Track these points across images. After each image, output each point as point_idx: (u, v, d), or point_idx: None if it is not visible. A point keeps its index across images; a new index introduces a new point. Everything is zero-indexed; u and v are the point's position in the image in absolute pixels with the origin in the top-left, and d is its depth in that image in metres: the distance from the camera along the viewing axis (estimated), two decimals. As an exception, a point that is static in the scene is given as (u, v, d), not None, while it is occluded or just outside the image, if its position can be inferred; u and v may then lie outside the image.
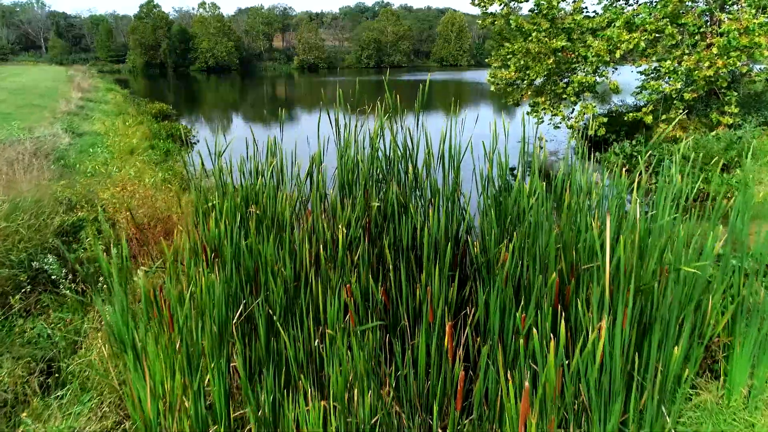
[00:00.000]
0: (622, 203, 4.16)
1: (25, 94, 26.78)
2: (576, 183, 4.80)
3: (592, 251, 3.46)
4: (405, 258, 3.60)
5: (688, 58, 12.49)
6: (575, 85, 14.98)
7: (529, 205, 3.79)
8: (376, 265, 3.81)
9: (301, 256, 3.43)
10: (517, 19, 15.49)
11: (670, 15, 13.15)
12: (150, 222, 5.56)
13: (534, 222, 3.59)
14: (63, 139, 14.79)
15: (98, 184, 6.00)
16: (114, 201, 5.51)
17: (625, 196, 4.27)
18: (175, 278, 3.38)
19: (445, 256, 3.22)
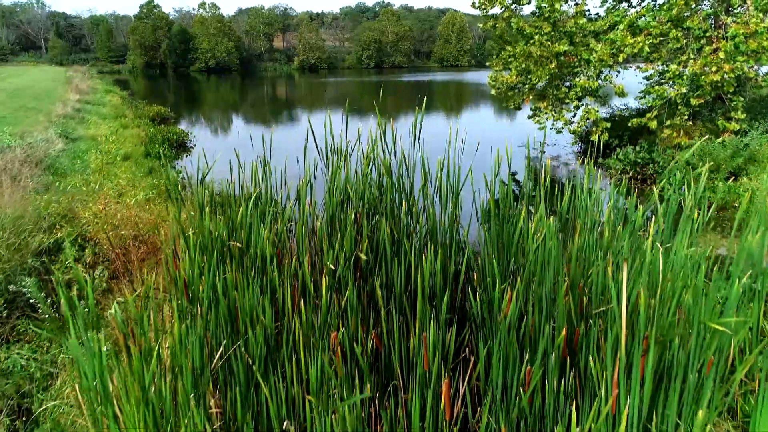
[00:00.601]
0: (635, 232, 3.88)
1: (21, 97, 26.53)
2: (582, 206, 4.50)
3: (604, 290, 3.19)
4: (398, 301, 3.33)
5: (694, 63, 12.22)
6: (578, 90, 14.72)
7: (534, 245, 3.50)
8: (366, 306, 3.52)
9: (282, 301, 3.15)
10: (518, 22, 15.22)
11: (674, 18, 12.87)
12: (133, 242, 5.31)
13: (540, 261, 3.31)
14: (56, 144, 14.53)
15: (81, 201, 5.73)
16: (96, 220, 5.26)
17: (638, 225, 3.98)
18: (149, 319, 3.12)
19: (443, 301, 2.95)
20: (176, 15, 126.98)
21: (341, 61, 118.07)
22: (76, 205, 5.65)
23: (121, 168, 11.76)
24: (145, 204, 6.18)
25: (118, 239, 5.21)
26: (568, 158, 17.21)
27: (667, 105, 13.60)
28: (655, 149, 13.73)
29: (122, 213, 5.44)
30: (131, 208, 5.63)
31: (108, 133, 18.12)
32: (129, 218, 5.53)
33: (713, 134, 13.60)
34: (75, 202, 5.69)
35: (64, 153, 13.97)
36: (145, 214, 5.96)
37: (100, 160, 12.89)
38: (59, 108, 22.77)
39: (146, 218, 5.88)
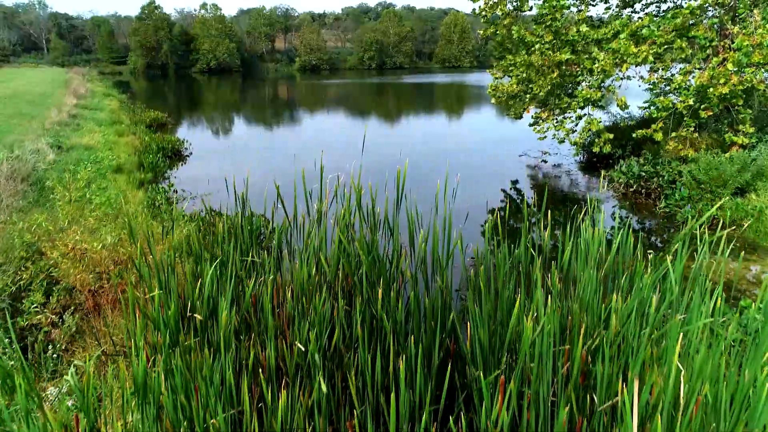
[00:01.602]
0: (643, 304, 3.53)
1: (16, 102, 26.25)
2: (581, 256, 4.17)
3: (609, 382, 2.84)
4: (374, 398, 2.97)
5: (701, 74, 11.84)
6: (580, 100, 14.35)
7: (531, 336, 3.10)
8: (338, 401, 3.12)
9: (241, 396, 2.79)
10: (519, 29, 14.87)
11: (679, 27, 12.50)
12: (102, 285, 4.99)
13: (537, 355, 2.92)
14: (47, 155, 14.23)
15: (47, 238, 5.36)
16: (65, 261, 4.92)
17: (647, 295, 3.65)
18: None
19: (427, 393, 2.61)
20: (177, 16, 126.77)
21: (343, 62, 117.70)
22: (42, 244, 5.32)
23: (102, 191, 11.41)
24: (118, 241, 5.83)
25: (88, 281, 4.90)
26: (570, 167, 16.85)
27: (672, 115, 13.23)
28: (659, 161, 13.36)
29: (90, 256, 5.10)
30: (100, 249, 5.28)
31: (102, 141, 17.82)
32: (100, 260, 5.20)
33: (720, 146, 13.23)
34: (41, 240, 5.37)
35: (54, 165, 13.66)
36: (120, 251, 5.62)
37: (87, 177, 12.55)
38: (54, 114, 22.47)
39: (120, 256, 5.55)
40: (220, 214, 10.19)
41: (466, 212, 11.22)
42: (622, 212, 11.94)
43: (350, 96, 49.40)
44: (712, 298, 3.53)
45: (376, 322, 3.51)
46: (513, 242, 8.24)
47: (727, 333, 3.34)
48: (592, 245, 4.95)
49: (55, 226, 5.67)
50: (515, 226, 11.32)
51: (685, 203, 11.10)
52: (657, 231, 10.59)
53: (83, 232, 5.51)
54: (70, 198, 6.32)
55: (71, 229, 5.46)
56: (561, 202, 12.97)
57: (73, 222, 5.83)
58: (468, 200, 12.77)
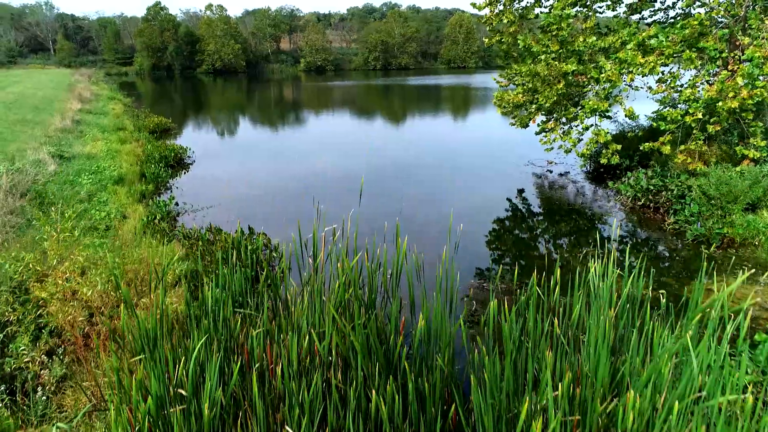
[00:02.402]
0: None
1: (21, 108, 26.22)
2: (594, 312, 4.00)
3: None
4: None
5: (710, 88, 11.60)
6: (587, 110, 14.12)
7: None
8: None
9: None
10: (525, 38, 14.64)
11: (688, 38, 12.26)
12: (92, 327, 4.83)
13: None
14: (48, 166, 14.14)
15: (35, 276, 5.19)
16: (53, 302, 4.77)
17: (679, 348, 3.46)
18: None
19: None
20: (183, 16, 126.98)
21: (348, 62, 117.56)
22: (31, 283, 5.17)
23: (102, 205, 11.27)
24: (107, 284, 5.63)
25: (78, 321, 4.75)
26: (576, 177, 16.62)
27: (681, 127, 12.99)
28: (668, 174, 13.12)
29: (80, 298, 4.94)
30: (91, 289, 5.10)
31: (104, 150, 17.72)
32: (90, 300, 5.03)
33: (730, 159, 12.97)
34: (30, 279, 5.22)
35: (55, 177, 13.56)
36: (111, 294, 5.44)
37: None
38: (57, 121, 22.42)
39: (110, 298, 5.38)
40: (220, 231, 10.05)
41: (469, 235, 11.02)
42: (630, 229, 11.71)
43: (354, 99, 49.22)
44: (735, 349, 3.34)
45: (371, 405, 3.34)
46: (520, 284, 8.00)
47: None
48: (603, 294, 4.75)
49: (43, 266, 5.52)
50: (522, 251, 11.13)
51: (695, 219, 10.85)
52: (667, 253, 10.31)
53: (73, 271, 5.36)
54: (58, 238, 6.09)
55: (59, 269, 5.30)
56: (568, 215, 12.74)
57: (63, 260, 5.67)
58: (472, 216, 12.57)
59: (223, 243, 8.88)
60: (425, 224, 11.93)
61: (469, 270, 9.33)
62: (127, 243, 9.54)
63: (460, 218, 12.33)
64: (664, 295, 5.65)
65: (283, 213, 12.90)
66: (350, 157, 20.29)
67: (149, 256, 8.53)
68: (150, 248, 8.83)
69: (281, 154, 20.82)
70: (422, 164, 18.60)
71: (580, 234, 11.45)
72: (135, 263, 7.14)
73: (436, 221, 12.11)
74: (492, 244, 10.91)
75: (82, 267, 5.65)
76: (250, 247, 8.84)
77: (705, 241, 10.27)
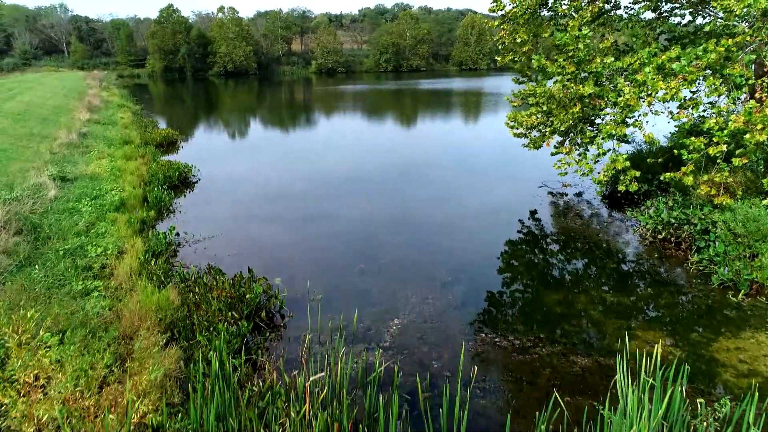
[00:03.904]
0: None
1: (28, 120, 26.09)
2: None
3: None
4: None
5: (737, 118, 10.96)
6: (604, 135, 13.52)
7: None
8: None
9: None
10: (540, 59, 14.07)
11: (713, 64, 11.62)
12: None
13: None
14: (49, 191, 13.83)
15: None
16: (16, 411, 4.32)
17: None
18: None
19: None
20: (195, 18, 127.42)
21: (359, 64, 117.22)
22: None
23: (100, 238, 10.88)
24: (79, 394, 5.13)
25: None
26: (592, 200, 16.02)
27: (704, 156, 12.35)
28: (690, 204, 12.51)
29: (50, 405, 4.46)
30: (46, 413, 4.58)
31: (108, 169, 17.43)
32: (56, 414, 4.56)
33: (756, 189, 12.33)
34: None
35: (55, 202, 13.25)
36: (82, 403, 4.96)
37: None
38: (63, 135, 22.21)
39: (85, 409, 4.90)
40: (219, 272, 9.62)
41: (481, 260, 10.36)
42: (650, 267, 11.10)
43: (365, 105, 48.78)
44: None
45: None
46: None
47: None
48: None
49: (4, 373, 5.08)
50: (534, 295, 10.57)
51: (720, 260, 10.23)
52: (690, 299, 9.69)
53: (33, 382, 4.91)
54: (19, 340, 5.58)
55: (21, 375, 4.86)
56: (584, 252, 12.17)
57: (26, 364, 5.22)
58: (479, 248, 11.99)
59: (220, 290, 8.44)
60: (435, 258, 11.44)
61: (475, 303, 8.81)
62: (121, 284, 9.16)
63: (467, 248, 11.82)
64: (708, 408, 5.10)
65: (288, 241, 12.47)
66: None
67: (143, 303, 8.14)
68: (144, 294, 8.42)
69: (288, 166, 20.41)
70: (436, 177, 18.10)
71: (598, 281, 10.88)
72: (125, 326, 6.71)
73: (434, 261, 11.62)
74: (501, 286, 10.36)
75: (48, 373, 5.17)
76: (249, 296, 8.40)
77: (732, 286, 9.66)
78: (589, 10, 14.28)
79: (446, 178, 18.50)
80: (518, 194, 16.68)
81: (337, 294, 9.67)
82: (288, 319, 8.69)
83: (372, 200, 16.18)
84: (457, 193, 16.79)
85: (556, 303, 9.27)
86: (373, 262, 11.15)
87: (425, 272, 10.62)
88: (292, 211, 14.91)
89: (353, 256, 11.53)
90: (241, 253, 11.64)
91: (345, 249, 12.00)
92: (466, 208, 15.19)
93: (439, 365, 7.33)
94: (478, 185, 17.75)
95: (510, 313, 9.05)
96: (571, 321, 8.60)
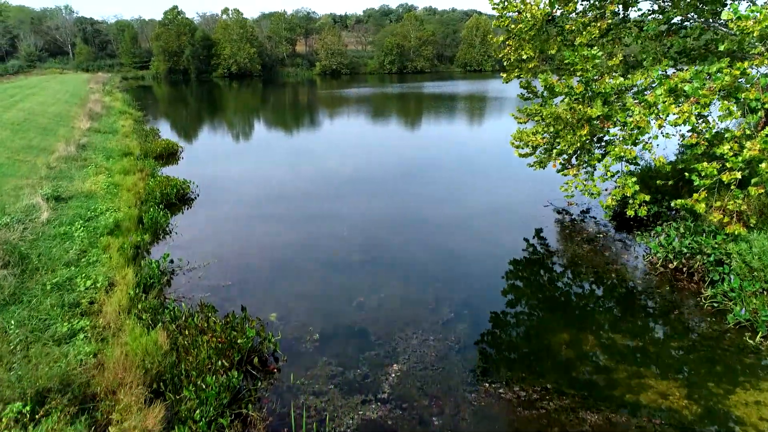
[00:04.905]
0: None
1: (27, 130, 25.81)
2: None
3: None
4: None
5: (752, 145, 10.50)
6: (612, 156, 13.07)
7: None
8: None
9: None
10: (546, 77, 13.63)
11: (727, 87, 11.16)
12: None
13: None
14: (41, 214, 13.49)
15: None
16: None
17: None
18: None
19: None
20: (199, 19, 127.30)
21: (363, 66, 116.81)
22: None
23: (91, 268, 10.48)
24: None
25: None
26: (599, 218, 15.57)
27: (718, 182, 11.88)
28: (702, 231, 12.05)
29: None
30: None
31: (105, 185, 17.09)
32: None
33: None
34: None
35: (47, 226, 12.91)
36: None
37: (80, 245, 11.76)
38: (62, 148, 21.89)
39: None
40: (212, 309, 9.24)
41: (483, 278, 9.87)
42: (661, 303, 10.65)
43: (369, 110, 48.37)
44: None
45: None
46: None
47: None
48: None
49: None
50: (536, 340, 10.15)
51: (736, 296, 9.77)
52: (704, 342, 9.24)
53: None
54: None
55: None
56: (591, 280, 11.73)
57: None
58: (485, 273, 11.53)
59: (211, 334, 8.06)
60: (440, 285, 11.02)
61: (478, 345, 8.39)
62: (109, 323, 8.80)
63: (470, 275, 11.37)
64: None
65: (286, 267, 12.08)
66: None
67: (130, 349, 7.77)
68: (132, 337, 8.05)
69: (286, 180, 20.01)
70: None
71: (608, 318, 10.45)
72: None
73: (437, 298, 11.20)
74: (505, 325, 9.93)
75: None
76: (241, 340, 8.01)
77: (749, 327, 9.20)
78: (598, 26, 13.83)
79: (447, 179, 18.08)
80: (524, 214, 16.22)
81: (335, 331, 9.27)
82: (282, 363, 8.30)
83: (375, 231, 15.78)
84: (459, 212, 16.36)
85: (563, 345, 8.83)
86: (372, 294, 10.74)
87: (426, 307, 10.20)
88: (291, 233, 14.51)
89: (354, 287, 11.11)
90: (236, 283, 11.26)
91: (346, 281, 11.58)
92: (469, 230, 14.76)
93: (440, 422, 6.91)
94: (482, 199, 17.32)
95: (515, 357, 8.61)
96: (579, 367, 8.17)
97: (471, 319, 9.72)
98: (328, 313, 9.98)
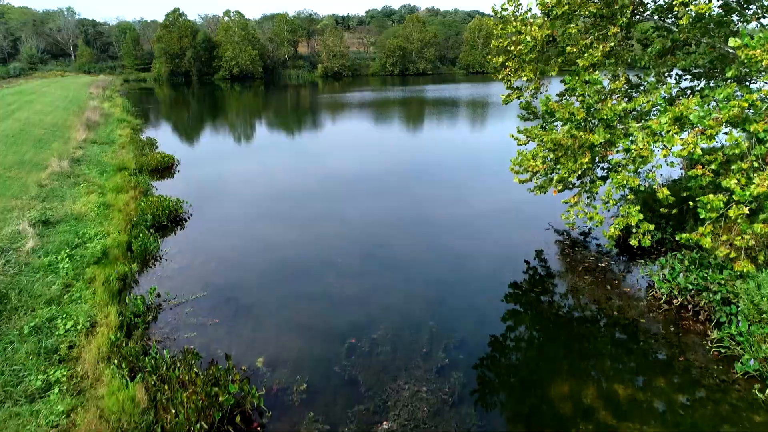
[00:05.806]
0: None
1: (22, 143, 25.48)
2: None
3: None
4: None
5: (760, 181, 10.06)
6: (615, 184, 12.63)
7: None
8: None
9: None
10: (547, 101, 13.20)
11: (734, 118, 10.72)
12: None
13: None
14: (27, 242, 13.13)
15: None
16: None
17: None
18: None
19: None
20: (201, 21, 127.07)
21: (365, 68, 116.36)
22: None
23: (73, 306, 10.07)
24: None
25: None
26: (600, 236, 15.17)
27: (724, 216, 11.45)
28: (708, 265, 11.61)
29: None
30: None
31: (96, 207, 16.72)
32: None
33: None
34: None
35: (31, 255, 12.55)
36: None
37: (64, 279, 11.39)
38: (55, 163, 21.54)
39: None
40: (197, 356, 8.86)
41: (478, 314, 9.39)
42: (665, 345, 10.21)
43: (370, 115, 47.97)
44: None
45: None
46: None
47: None
48: None
49: None
50: (530, 380, 9.74)
51: (743, 340, 9.34)
52: (710, 393, 8.84)
53: None
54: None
55: None
56: (593, 312, 11.32)
57: None
58: (480, 313, 11.09)
59: (192, 390, 7.67)
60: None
61: (473, 397, 7.99)
62: (87, 373, 8.43)
63: (463, 313, 10.94)
64: None
65: (276, 303, 11.69)
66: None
67: (106, 409, 7.40)
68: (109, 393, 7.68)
69: (282, 196, 19.64)
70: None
71: (609, 365, 10.03)
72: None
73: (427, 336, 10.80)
74: (501, 374, 9.52)
75: None
76: (222, 398, 7.62)
77: (759, 377, 8.76)
78: (600, 49, 13.42)
79: (448, 193, 17.70)
80: (523, 238, 15.80)
81: (324, 380, 8.88)
82: (267, 419, 7.91)
83: (368, 265, 15.39)
84: (455, 241, 15.96)
85: (562, 398, 8.42)
86: (364, 335, 10.33)
87: (419, 352, 9.80)
88: (282, 261, 14.13)
89: (344, 330, 10.69)
90: (225, 320, 10.87)
91: (338, 317, 11.17)
92: (465, 258, 14.36)
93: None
94: (482, 229, 16.91)
95: (512, 414, 8.20)
96: (580, 425, 7.76)
97: (465, 365, 9.32)
98: (318, 355, 9.59)
